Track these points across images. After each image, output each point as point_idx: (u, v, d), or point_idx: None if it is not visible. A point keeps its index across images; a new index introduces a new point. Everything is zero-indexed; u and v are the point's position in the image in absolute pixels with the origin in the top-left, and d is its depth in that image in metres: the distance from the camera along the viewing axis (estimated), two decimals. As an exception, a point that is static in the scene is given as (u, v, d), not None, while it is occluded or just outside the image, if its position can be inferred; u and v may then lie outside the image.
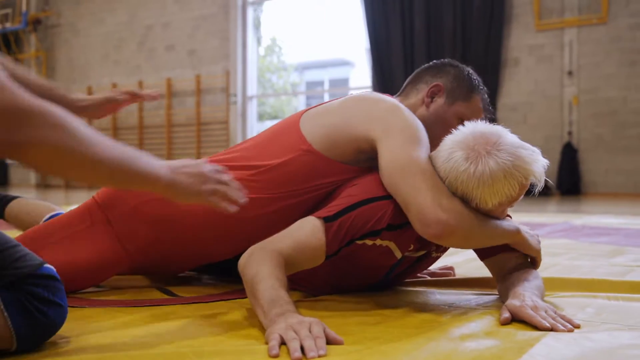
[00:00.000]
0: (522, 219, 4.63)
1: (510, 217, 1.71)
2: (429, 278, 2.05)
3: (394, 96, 1.85)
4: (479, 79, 1.87)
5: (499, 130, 1.54)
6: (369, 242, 1.58)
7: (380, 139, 1.60)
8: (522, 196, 1.53)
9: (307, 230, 1.49)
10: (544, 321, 1.33)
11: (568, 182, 8.66)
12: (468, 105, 1.81)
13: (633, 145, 8.44)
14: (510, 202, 1.52)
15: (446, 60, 1.91)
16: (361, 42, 11.03)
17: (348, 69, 23.38)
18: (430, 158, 1.57)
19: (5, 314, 1.07)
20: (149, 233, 1.73)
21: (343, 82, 22.86)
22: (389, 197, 1.56)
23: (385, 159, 1.57)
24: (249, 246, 1.49)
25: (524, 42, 9.17)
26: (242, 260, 1.45)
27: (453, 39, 9.35)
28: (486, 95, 1.87)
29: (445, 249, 1.80)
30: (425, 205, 1.47)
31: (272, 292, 1.32)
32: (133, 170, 1.11)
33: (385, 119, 1.63)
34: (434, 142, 1.61)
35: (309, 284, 1.78)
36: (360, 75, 20.50)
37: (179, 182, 1.21)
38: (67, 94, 1.77)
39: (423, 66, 1.91)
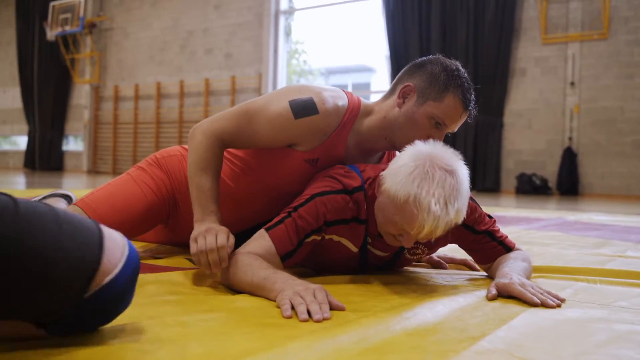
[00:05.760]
0: (521, 214, 4.64)
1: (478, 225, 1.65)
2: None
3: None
4: (461, 76, 1.65)
5: (455, 164, 1.38)
6: (317, 237, 1.53)
7: None
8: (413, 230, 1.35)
9: (257, 242, 1.49)
10: (534, 297, 1.34)
11: (567, 183, 8.59)
12: (438, 105, 1.61)
13: (627, 151, 8.34)
14: (395, 227, 1.41)
15: (430, 57, 1.71)
16: (382, 50, 10.97)
17: (370, 75, 23.24)
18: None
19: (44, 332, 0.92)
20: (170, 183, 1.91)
21: (365, 87, 22.76)
22: (322, 193, 1.52)
23: None
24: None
25: (530, 54, 9.08)
26: (222, 279, 1.49)
27: (466, 49, 9.30)
28: (469, 94, 1.64)
29: (423, 253, 1.72)
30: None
31: (263, 271, 1.36)
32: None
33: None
34: (406, 144, 1.49)
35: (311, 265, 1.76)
36: (381, 80, 20.41)
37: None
38: None
39: (407, 65, 1.74)
